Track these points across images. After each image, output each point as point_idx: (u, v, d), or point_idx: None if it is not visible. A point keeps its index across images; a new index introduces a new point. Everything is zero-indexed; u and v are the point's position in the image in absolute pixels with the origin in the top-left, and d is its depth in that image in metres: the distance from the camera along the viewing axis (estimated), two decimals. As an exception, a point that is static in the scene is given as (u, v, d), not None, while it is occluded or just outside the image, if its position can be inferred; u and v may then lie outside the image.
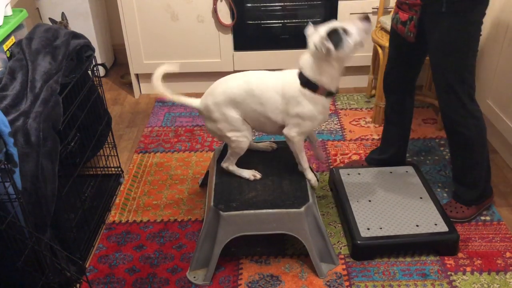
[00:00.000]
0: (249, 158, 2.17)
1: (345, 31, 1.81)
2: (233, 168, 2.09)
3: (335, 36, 1.80)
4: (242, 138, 1.99)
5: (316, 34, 1.84)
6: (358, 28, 1.83)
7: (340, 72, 1.91)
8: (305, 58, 1.90)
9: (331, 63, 1.85)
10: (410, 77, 2.28)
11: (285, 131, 1.98)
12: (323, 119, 2.00)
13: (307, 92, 1.88)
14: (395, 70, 2.27)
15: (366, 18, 1.84)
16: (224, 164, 2.09)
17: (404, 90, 2.31)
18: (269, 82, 1.94)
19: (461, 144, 2.13)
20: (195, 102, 2.06)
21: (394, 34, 2.20)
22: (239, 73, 2.02)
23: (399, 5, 2.07)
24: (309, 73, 1.88)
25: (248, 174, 2.08)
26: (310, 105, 1.90)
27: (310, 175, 2.09)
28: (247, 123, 1.99)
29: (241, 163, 2.12)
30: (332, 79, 1.89)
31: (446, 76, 1.99)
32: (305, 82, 1.88)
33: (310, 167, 2.11)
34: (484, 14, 1.93)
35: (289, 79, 1.92)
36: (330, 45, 1.78)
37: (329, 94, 1.92)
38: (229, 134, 1.98)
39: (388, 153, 2.46)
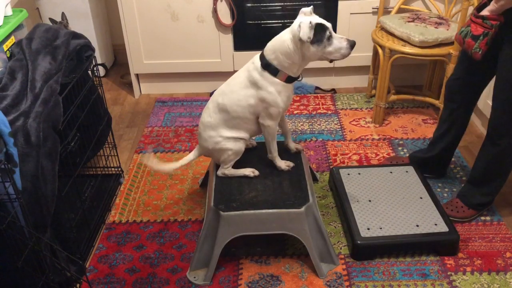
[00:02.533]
0: (248, 158, 2.17)
1: (330, 35, 1.85)
2: (229, 173, 2.10)
3: (320, 30, 1.83)
4: (234, 150, 2.04)
5: (308, 18, 1.85)
6: (341, 44, 1.88)
7: (302, 64, 1.93)
8: (273, 42, 1.93)
9: (298, 50, 1.87)
10: (475, 90, 2.22)
11: (260, 119, 2.02)
12: (286, 104, 2.02)
13: (266, 74, 1.92)
14: (460, 81, 2.18)
15: (352, 45, 1.89)
16: (220, 171, 2.11)
17: (465, 100, 2.25)
18: (236, 85, 2.01)
19: (495, 155, 2.10)
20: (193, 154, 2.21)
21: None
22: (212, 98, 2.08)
23: (473, 19, 1.94)
24: (270, 56, 1.91)
25: (247, 172, 2.09)
26: (272, 88, 1.92)
27: (279, 163, 2.12)
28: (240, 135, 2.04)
29: (241, 162, 2.12)
30: (294, 65, 1.91)
31: (509, 89, 1.95)
32: (265, 65, 1.92)
33: (310, 168, 2.11)
34: None
35: (252, 64, 1.97)
36: (311, 34, 1.80)
37: (289, 79, 1.94)
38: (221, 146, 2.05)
39: (433, 152, 2.44)
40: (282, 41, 1.90)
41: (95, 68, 2.29)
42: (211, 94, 3.44)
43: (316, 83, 3.45)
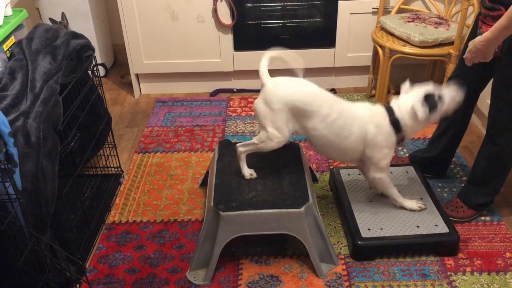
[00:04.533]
0: (249, 157, 2.17)
1: (440, 97, 1.92)
2: (243, 157, 2.07)
3: (431, 100, 1.92)
4: (277, 142, 1.98)
5: (414, 94, 1.96)
6: (451, 96, 1.94)
7: (419, 130, 2.05)
8: (400, 103, 2.00)
9: (417, 121, 1.95)
10: (478, 88, 2.22)
11: (369, 175, 2.10)
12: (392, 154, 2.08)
13: (391, 130, 1.98)
14: (459, 79, 2.15)
15: (459, 86, 1.95)
16: (241, 148, 2.06)
17: (468, 99, 2.21)
18: (352, 109, 2.01)
19: (494, 154, 2.11)
20: (267, 79, 2.00)
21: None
22: (324, 92, 2.02)
23: (483, 19, 1.94)
24: (399, 116, 1.98)
25: (247, 172, 2.08)
26: (388, 139, 1.99)
27: (408, 204, 2.16)
28: (290, 133, 2.00)
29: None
30: (412, 132, 2.01)
31: (509, 88, 1.95)
32: (393, 121, 1.98)
33: (310, 168, 2.11)
34: None
35: (376, 112, 2.01)
36: (426, 109, 1.90)
37: (399, 141, 2.03)
38: (270, 129, 1.96)
39: (434, 152, 2.44)
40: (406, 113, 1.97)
41: (95, 68, 2.29)
42: (211, 94, 3.44)
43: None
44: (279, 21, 3.19)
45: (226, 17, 3.14)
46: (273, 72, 2.00)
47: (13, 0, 2.90)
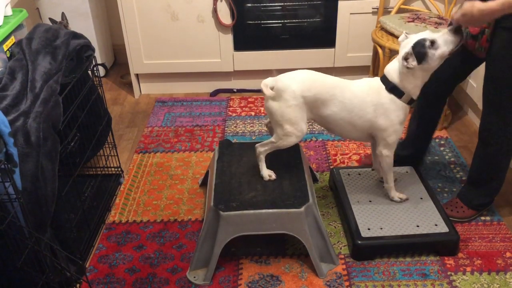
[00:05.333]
0: (249, 157, 2.17)
1: (432, 43, 1.86)
2: (262, 157, 2.07)
3: (420, 49, 1.86)
4: (295, 137, 1.99)
5: (405, 44, 1.91)
6: (447, 40, 1.88)
7: (424, 81, 1.98)
8: (391, 64, 1.96)
9: (415, 73, 1.91)
10: (454, 84, 2.25)
11: (378, 152, 2.09)
12: (402, 129, 2.07)
13: (393, 97, 1.95)
14: (443, 76, 2.14)
15: (457, 30, 1.86)
16: (260, 147, 2.06)
17: (441, 95, 2.29)
18: (355, 89, 1.99)
19: (489, 154, 2.11)
20: (270, 80, 1.97)
21: None
22: (330, 77, 2.01)
23: None
24: (395, 79, 1.94)
25: (266, 173, 2.08)
26: (399, 112, 1.97)
27: (393, 193, 2.17)
28: (306, 126, 2.00)
29: (242, 162, 2.12)
30: (415, 87, 1.96)
31: (499, 88, 1.94)
32: (391, 87, 1.95)
33: (310, 168, 2.11)
34: None
35: (373, 85, 1.98)
36: (413, 61, 1.86)
37: (410, 101, 1.98)
38: (287, 126, 1.96)
39: (409, 150, 2.46)
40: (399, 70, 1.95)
41: (95, 68, 2.29)
42: (211, 94, 3.44)
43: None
44: (279, 21, 3.19)
45: (226, 17, 3.14)
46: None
47: (13, 0, 2.90)
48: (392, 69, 1.97)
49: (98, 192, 2.39)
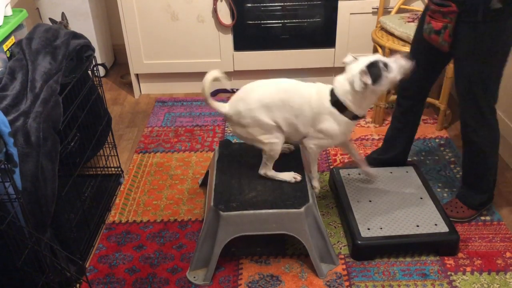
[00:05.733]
0: (249, 157, 2.17)
1: (385, 65, 1.85)
2: (272, 173, 2.07)
3: (374, 70, 1.83)
4: (274, 140, 1.98)
5: (356, 65, 1.88)
6: (399, 65, 1.87)
7: (371, 103, 1.98)
8: (341, 79, 1.93)
9: (364, 94, 1.88)
10: (428, 84, 2.26)
11: (305, 141, 2.03)
12: (344, 139, 2.06)
13: (334, 111, 1.92)
14: (415, 76, 2.13)
15: (408, 57, 1.88)
16: (262, 171, 2.08)
17: (419, 96, 2.29)
18: (303, 93, 1.96)
19: (475, 152, 2.12)
20: (223, 107, 2.00)
21: (419, 41, 2.12)
22: (271, 80, 2.01)
23: (431, 15, 1.97)
24: (340, 94, 1.92)
25: (289, 176, 2.07)
26: (334, 124, 1.94)
27: (316, 183, 2.14)
28: (278, 126, 1.97)
29: (242, 162, 2.12)
30: (361, 106, 1.93)
31: (471, 83, 1.96)
32: (335, 101, 1.93)
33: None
34: None
35: (320, 94, 1.96)
36: (368, 79, 1.81)
37: (354, 117, 1.96)
38: (262, 137, 1.96)
39: (391, 153, 2.46)
40: (348, 90, 1.90)
41: (95, 68, 2.29)
42: (211, 94, 3.42)
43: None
44: (279, 21, 3.19)
45: (226, 17, 3.14)
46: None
47: (13, 0, 2.90)
48: (341, 84, 1.93)
49: (98, 192, 2.39)
